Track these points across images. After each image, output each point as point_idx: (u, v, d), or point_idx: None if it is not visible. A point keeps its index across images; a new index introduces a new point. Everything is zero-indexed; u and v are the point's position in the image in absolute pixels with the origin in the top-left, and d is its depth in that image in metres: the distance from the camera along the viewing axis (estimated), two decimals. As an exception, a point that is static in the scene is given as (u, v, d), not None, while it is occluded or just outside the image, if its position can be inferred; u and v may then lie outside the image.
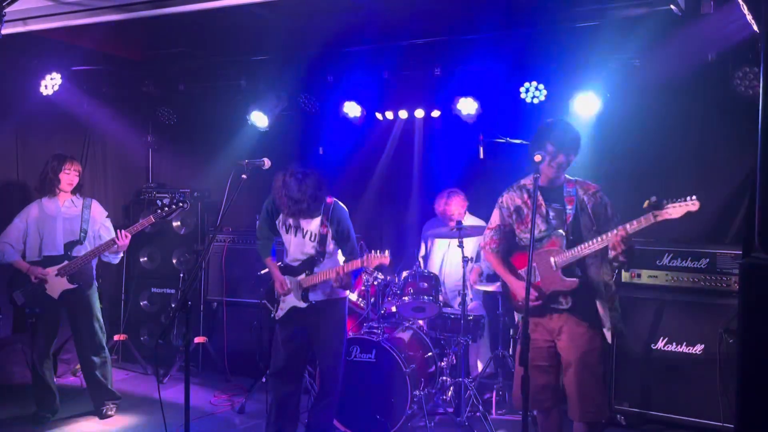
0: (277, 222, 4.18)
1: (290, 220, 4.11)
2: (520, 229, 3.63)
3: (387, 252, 3.94)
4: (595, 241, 3.33)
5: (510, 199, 3.67)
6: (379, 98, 5.61)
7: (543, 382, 3.49)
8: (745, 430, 2.14)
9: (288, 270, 4.16)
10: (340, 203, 4.17)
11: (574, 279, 3.41)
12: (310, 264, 4.09)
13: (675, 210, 3.14)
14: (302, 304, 4.08)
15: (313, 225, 4.08)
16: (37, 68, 5.56)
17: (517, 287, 3.58)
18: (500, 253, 3.71)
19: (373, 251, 3.97)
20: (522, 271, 3.57)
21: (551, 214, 3.51)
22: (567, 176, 3.57)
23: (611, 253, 3.32)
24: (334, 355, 4.15)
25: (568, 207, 3.49)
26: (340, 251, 4.19)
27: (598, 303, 3.43)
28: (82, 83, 5.95)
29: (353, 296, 5.09)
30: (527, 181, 3.64)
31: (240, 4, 3.43)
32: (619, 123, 4.93)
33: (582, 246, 3.37)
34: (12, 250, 4.65)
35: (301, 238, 4.11)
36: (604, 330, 3.43)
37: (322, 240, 4.06)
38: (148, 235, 6.14)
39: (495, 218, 3.74)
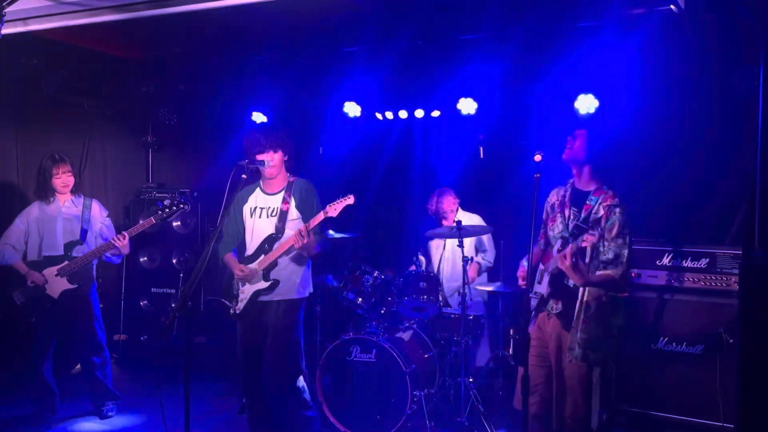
0: (243, 208, 4.05)
1: (254, 203, 4.02)
2: (549, 226, 3.64)
3: (350, 195, 3.80)
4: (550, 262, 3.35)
5: (553, 194, 3.68)
6: (379, 98, 5.61)
7: (533, 382, 3.47)
8: (745, 430, 2.14)
9: (245, 260, 4.01)
10: (305, 180, 4.07)
11: (549, 288, 3.44)
12: (269, 242, 3.94)
13: (589, 239, 3.17)
14: (264, 284, 3.91)
15: (277, 201, 3.99)
16: (37, 68, 5.56)
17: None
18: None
19: (333, 201, 3.81)
20: (540, 267, 3.61)
21: (570, 216, 3.51)
22: (603, 186, 3.49)
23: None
24: (283, 363, 3.91)
25: (583, 214, 3.46)
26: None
27: (575, 317, 3.41)
28: (82, 83, 5.95)
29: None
30: (572, 180, 3.64)
31: (240, 4, 3.42)
32: (618, 123, 4.92)
33: (556, 257, 3.36)
34: (13, 252, 4.65)
35: (264, 219, 3.98)
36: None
37: (282, 216, 3.93)
38: (148, 235, 6.12)
39: (544, 214, 3.75)
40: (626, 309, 3.52)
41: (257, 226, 4.01)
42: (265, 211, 4.01)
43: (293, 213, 3.96)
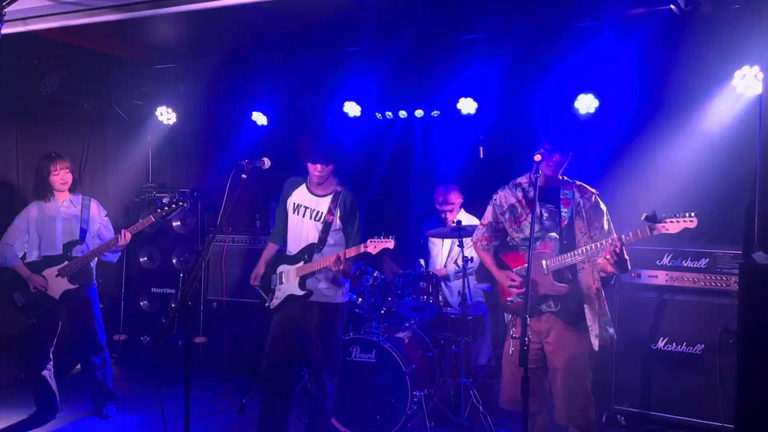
0: (288, 202, 4.12)
1: (299, 199, 4.07)
2: (512, 228, 3.58)
3: (391, 237, 3.81)
4: (588, 248, 3.31)
5: (504, 197, 3.62)
6: (379, 98, 5.61)
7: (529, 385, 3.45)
8: (745, 430, 2.14)
9: (286, 259, 4.07)
10: (351, 192, 4.10)
11: (564, 285, 3.40)
12: (309, 251, 3.98)
13: (672, 225, 3.09)
14: (299, 292, 3.96)
15: (322, 205, 4.02)
16: (37, 68, 5.56)
17: (504, 279, 3.58)
18: (491, 250, 3.71)
19: (375, 236, 3.83)
20: (517, 269, 3.56)
21: (545, 215, 3.47)
22: (566, 178, 3.53)
23: (601, 262, 3.29)
24: (331, 360, 4.05)
25: (564, 210, 3.44)
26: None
27: (586, 308, 3.40)
28: (82, 83, 5.95)
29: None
30: (523, 179, 3.61)
31: (240, 4, 3.42)
32: (618, 123, 4.93)
33: (574, 252, 3.35)
34: (13, 252, 4.65)
35: (308, 220, 4.02)
36: (591, 336, 3.41)
37: (326, 227, 3.98)
38: (148, 235, 6.14)
39: (488, 215, 3.71)
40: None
41: (299, 225, 4.05)
42: (309, 212, 4.04)
43: (337, 224, 4.01)
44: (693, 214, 3.06)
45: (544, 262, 3.43)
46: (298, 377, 4.17)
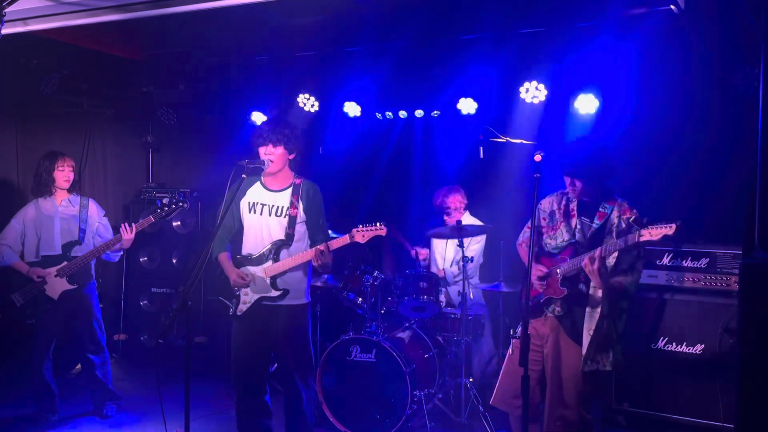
0: (241, 203, 3.88)
1: (254, 197, 3.87)
2: (547, 234, 3.63)
3: (381, 224, 3.68)
4: (582, 257, 3.33)
5: (548, 203, 3.70)
6: (379, 98, 5.61)
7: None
8: (745, 430, 2.14)
9: (247, 261, 3.84)
10: (312, 183, 3.94)
11: (564, 289, 3.44)
12: (276, 249, 3.79)
13: (653, 232, 3.11)
14: (273, 293, 3.77)
15: (282, 200, 3.82)
16: (37, 68, 5.56)
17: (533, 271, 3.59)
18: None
19: (362, 225, 3.69)
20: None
21: (578, 226, 3.51)
22: (611, 196, 3.53)
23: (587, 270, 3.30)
24: (303, 363, 3.87)
25: (596, 221, 3.47)
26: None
27: (585, 323, 3.39)
28: (82, 83, 5.95)
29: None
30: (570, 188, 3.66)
31: (240, 4, 3.42)
32: (618, 123, 4.93)
33: (574, 260, 3.38)
34: (11, 252, 4.64)
35: (269, 217, 3.81)
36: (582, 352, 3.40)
37: (291, 222, 3.79)
38: (148, 235, 6.13)
39: (537, 220, 3.76)
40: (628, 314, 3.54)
41: (258, 223, 3.85)
42: (267, 208, 3.84)
43: (301, 216, 3.85)
44: (672, 225, 3.08)
45: (558, 266, 3.48)
46: (266, 380, 3.98)
